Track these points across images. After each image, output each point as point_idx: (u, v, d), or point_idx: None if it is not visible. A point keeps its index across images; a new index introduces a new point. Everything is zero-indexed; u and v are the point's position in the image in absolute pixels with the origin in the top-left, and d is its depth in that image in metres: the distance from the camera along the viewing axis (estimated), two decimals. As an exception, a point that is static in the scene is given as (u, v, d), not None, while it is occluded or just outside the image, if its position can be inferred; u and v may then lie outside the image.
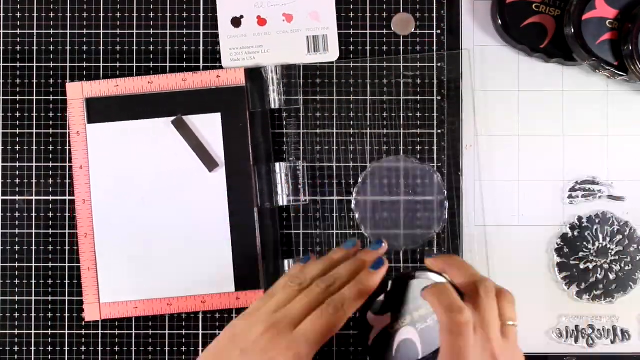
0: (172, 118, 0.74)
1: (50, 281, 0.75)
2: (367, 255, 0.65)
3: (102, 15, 0.76)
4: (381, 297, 0.63)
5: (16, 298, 0.75)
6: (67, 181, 0.75)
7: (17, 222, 0.75)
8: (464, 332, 0.56)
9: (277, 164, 0.74)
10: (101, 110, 0.74)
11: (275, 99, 0.75)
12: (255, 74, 0.75)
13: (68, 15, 0.76)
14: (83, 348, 0.75)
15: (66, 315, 0.75)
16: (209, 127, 0.74)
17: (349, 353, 0.75)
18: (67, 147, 0.75)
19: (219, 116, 0.74)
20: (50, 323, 0.75)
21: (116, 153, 0.74)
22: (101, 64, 0.76)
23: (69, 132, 0.75)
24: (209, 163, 0.73)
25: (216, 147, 0.74)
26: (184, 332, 0.75)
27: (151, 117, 0.74)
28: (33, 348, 0.75)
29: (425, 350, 0.62)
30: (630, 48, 0.70)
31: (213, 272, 0.72)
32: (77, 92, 0.74)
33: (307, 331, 0.58)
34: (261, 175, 0.74)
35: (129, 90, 0.74)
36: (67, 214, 0.75)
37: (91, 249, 0.74)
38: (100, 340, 0.75)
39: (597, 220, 0.75)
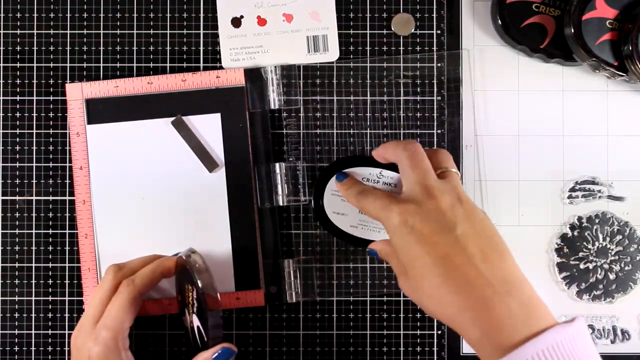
0: (172, 118, 0.74)
1: (50, 281, 0.75)
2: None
3: (102, 15, 0.76)
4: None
5: (16, 298, 0.75)
6: (67, 181, 0.75)
7: (17, 222, 0.75)
8: None
9: (276, 164, 0.74)
10: (101, 111, 0.74)
11: (274, 99, 0.75)
12: (254, 74, 0.75)
13: (68, 15, 0.76)
14: (83, 348, 0.75)
15: (66, 315, 0.75)
16: (208, 127, 0.74)
17: (349, 353, 0.75)
18: (67, 148, 0.75)
19: (219, 116, 0.74)
20: (50, 323, 0.75)
21: (116, 154, 0.74)
22: (101, 64, 0.76)
23: (69, 133, 0.75)
24: (209, 163, 0.73)
25: (216, 147, 0.74)
26: (184, 332, 0.75)
27: (151, 118, 0.74)
28: (33, 348, 0.75)
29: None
30: (630, 48, 0.70)
31: (213, 272, 0.72)
32: (77, 93, 0.74)
33: (106, 319, 0.65)
34: (261, 175, 0.74)
35: (128, 91, 0.74)
36: (67, 214, 0.75)
37: (91, 250, 0.74)
38: (100, 340, 0.75)
39: (597, 220, 0.75)
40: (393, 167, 0.65)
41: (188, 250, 0.69)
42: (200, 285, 0.66)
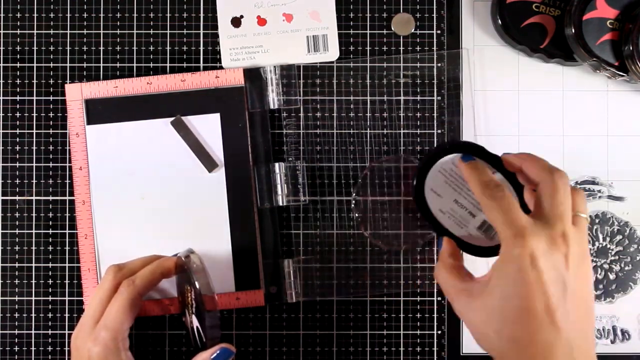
0: (171, 119, 0.74)
1: (50, 281, 0.75)
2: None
3: (102, 15, 0.76)
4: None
5: (16, 298, 0.75)
6: (67, 181, 0.75)
7: (17, 222, 0.75)
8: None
9: (276, 164, 0.74)
10: (100, 112, 0.74)
11: (274, 99, 0.74)
12: (254, 74, 0.75)
13: (68, 15, 0.76)
14: (83, 348, 0.75)
15: (66, 315, 0.75)
16: (208, 127, 0.74)
17: (349, 353, 0.75)
18: (67, 148, 0.75)
19: (218, 116, 0.74)
20: (50, 323, 0.75)
21: (115, 154, 0.74)
22: (101, 64, 0.76)
23: (68, 133, 0.75)
24: (209, 163, 0.73)
25: (215, 147, 0.74)
26: (184, 332, 0.75)
27: (150, 118, 0.74)
28: (33, 348, 0.75)
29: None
30: (631, 48, 0.70)
31: (213, 272, 0.72)
32: (76, 94, 0.74)
33: (105, 319, 0.65)
34: (260, 175, 0.74)
35: (128, 91, 0.74)
36: (67, 214, 0.75)
37: (91, 250, 0.74)
38: (100, 340, 0.75)
39: (597, 220, 0.75)
40: (508, 173, 0.65)
41: (187, 250, 0.69)
42: (197, 285, 0.66)
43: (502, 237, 0.56)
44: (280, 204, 0.74)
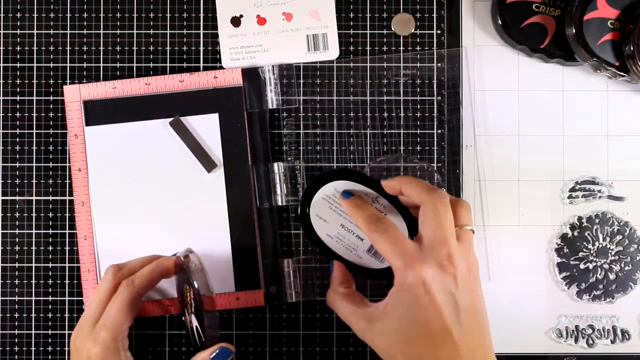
0: (170, 119, 0.74)
1: (50, 281, 0.75)
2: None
3: (102, 15, 0.76)
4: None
5: (16, 298, 0.75)
6: (67, 181, 0.75)
7: (17, 222, 0.75)
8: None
9: (275, 164, 0.74)
10: (99, 113, 0.74)
11: (272, 98, 0.74)
12: (252, 74, 0.75)
13: (68, 15, 0.76)
14: (83, 348, 0.75)
15: (66, 315, 0.75)
16: (206, 127, 0.74)
17: (349, 353, 0.75)
18: (67, 148, 0.75)
19: (217, 117, 0.74)
20: (50, 323, 0.75)
21: (114, 155, 0.74)
22: (101, 64, 0.76)
23: (67, 134, 0.75)
24: (208, 164, 0.73)
25: (214, 147, 0.74)
26: (183, 332, 0.75)
27: (149, 119, 0.74)
28: (33, 348, 0.75)
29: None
30: (632, 48, 0.70)
31: (213, 273, 0.72)
32: (75, 95, 0.74)
33: (105, 319, 0.66)
34: (259, 175, 0.74)
35: (126, 92, 0.74)
36: (67, 214, 0.75)
37: (91, 251, 0.74)
38: (100, 339, 0.75)
39: (597, 220, 0.75)
40: (390, 196, 0.67)
41: (185, 250, 0.69)
42: (195, 285, 0.66)
43: (394, 267, 0.61)
44: (280, 203, 0.74)
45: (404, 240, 0.61)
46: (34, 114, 0.75)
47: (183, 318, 0.72)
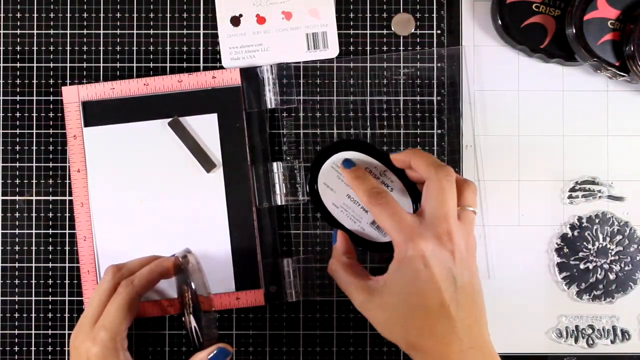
0: (169, 120, 0.74)
1: (50, 281, 0.75)
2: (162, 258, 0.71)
3: (102, 15, 0.76)
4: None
5: (16, 298, 0.75)
6: (67, 181, 0.75)
7: (17, 222, 0.75)
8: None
9: (274, 164, 0.74)
10: (97, 113, 0.74)
11: (271, 98, 0.74)
12: (250, 74, 0.75)
13: (68, 15, 0.76)
14: (83, 347, 0.75)
15: (66, 315, 0.75)
16: (205, 128, 0.74)
17: (349, 353, 0.75)
18: (67, 148, 0.75)
19: (216, 117, 0.74)
20: (50, 323, 0.75)
21: (113, 156, 0.74)
22: (101, 65, 0.76)
23: (66, 135, 0.75)
24: (207, 164, 0.73)
25: (213, 147, 0.74)
26: (183, 332, 0.75)
27: (148, 119, 0.74)
28: (33, 348, 0.75)
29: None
30: (632, 48, 0.70)
31: (212, 273, 0.72)
32: (73, 96, 0.74)
33: (104, 319, 0.66)
34: (259, 175, 0.74)
35: (125, 93, 0.74)
36: (67, 214, 0.75)
37: (90, 252, 0.74)
38: (100, 339, 0.75)
39: (597, 220, 0.75)
40: (399, 170, 0.67)
41: (184, 250, 0.69)
42: (192, 285, 0.66)
43: (394, 242, 0.61)
44: (279, 203, 0.74)
45: (405, 215, 0.61)
46: (34, 114, 0.76)
47: (183, 318, 0.72)
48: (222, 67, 0.75)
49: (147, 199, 0.74)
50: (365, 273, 0.66)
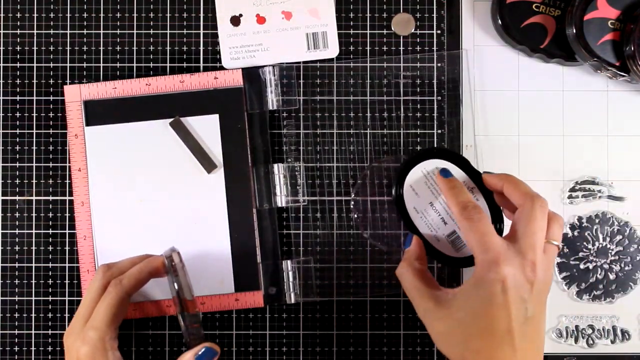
0: (170, 120, 0.74)
1: (50, 281, 0.75)
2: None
3: (102, 15, 0.76)
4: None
5: (16, 298, 0.75)
6: (67, 181, 0.75)
7: (17, 222, 0.75)
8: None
9: (275, 165, 0.74)
10: (99, 113, 0.74)
11: (272, 99, 0.74)
12: (252, 75, 0.75)
13: (68, 15, 0.76)
14: (83, 348, 0.75)
15: (66, 315, 0.75)
16: (207, 128, 0.74)
17: (349, 353, 0.75)
18: (67, 148, 0.75)
19: (217, 117, 0.74)
20: (50, 323, 0.75)
21: (114, 155, 0.74)
22: (101, 65, 0.76)
23: (67, 134, 0.75)
24: (208, 164, 0.73)
25: (214, 148, 0.74)
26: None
27: (149, 119, 0.74)
28: (33, 348, 0.75)
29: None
30: (632, 48, 0.70)
31: (212, 274, 0.72)
32: (75, 95, 0.74)
33: (93, 319, 0.66)
34: (259, 176, 0.74)
35: (126, 93, 0.74)
36: (67, 214, 0.75)
37: (90, 252, 0.74)
38: (100, 339, 0.75)
39: (597, 220, 0.75)
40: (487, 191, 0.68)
41: (169, 249, 0.69)
42: (175, 285, 0.66)
43: (478, 260, 0.61)
44: (280, 204, 0.74)
45: (495, 236, 0.61)
46: (34, 114, 0.75)
47: (178, 318, 0.72)
48: (222, 67, 0.75)
49: (148, 198, 0.74)
50: (435, 282, 0.66)
